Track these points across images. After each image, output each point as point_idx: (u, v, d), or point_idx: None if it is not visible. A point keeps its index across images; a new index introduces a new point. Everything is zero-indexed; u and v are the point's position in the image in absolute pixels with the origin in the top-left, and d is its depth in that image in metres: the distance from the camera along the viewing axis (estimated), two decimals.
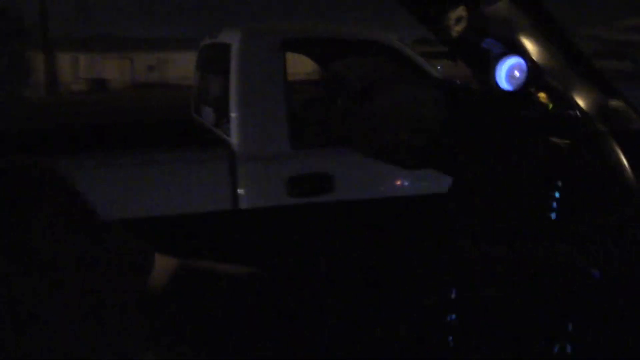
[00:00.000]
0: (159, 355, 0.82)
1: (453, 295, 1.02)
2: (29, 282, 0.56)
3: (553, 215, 0.96)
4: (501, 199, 1.03)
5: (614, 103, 0.95)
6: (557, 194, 0.97)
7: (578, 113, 0.95)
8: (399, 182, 2.87)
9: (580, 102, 0.96)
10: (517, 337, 0.96)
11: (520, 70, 0.98)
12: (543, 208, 0.97)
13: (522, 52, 0.97)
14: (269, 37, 2.83)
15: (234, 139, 2.67)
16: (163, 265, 0.98)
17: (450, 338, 0.99)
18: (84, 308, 0.59)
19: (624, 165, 0.93)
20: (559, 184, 0.97)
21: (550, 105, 0.98)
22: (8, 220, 0.58)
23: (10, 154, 0.63)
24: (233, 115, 2.70)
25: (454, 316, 1.01)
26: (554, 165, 0.98)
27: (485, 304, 1.02)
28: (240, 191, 2.61)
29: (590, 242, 0.90)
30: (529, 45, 0.97)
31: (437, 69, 3.66)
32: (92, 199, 0.75)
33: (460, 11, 0.98)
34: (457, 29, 0.99)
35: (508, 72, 0.98)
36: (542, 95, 0.98)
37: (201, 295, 0.98)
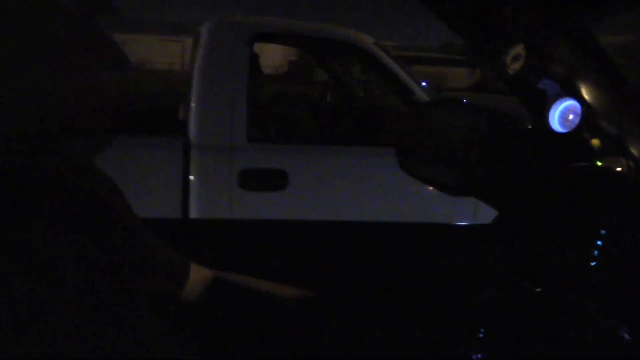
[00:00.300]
0: None
1: (481, 335, 1.00)
2: (29, 282, 0.56)
3: (593, 264, 0.95)
4: (541, 239, 1.02)
5: None
6: (599, 242, 0.96)
7: (631, 162, 0.94)
8: (354, 186, 2.90)
9: (635, 152, 0.95)
10: None
11: (574, 114, 0.97)
12: (584, 255, 0.96)
13: (579, 96, 0.96)
14: (236, 30, 2.87)
15: (191, 127, 2.71)
16: (198, 276, 0.96)
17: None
18: (85, 309, 0.59)
19: None
20: (603, 232, 0.95)
21: (602, 153, 0.97)
22: (8, 220, 0.58)
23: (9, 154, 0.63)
24: (192, 104, 2.75)
25: (480, 355, 0.99)
26: (600, 213, 0.96)
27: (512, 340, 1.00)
28: (192, 180, 2.64)
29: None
30: (586, 89, 0.96)
31: (422, 85, 3.71)
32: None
33: (519, 49, 0.97)
34: (514, 67, 0.98)
35: (562, 114, 0.97)
36: (595, 142, 0.96)
37: (235, 313, 0.96)
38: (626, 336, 0.89)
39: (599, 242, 0.95)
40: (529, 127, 1.03)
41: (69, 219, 0.62)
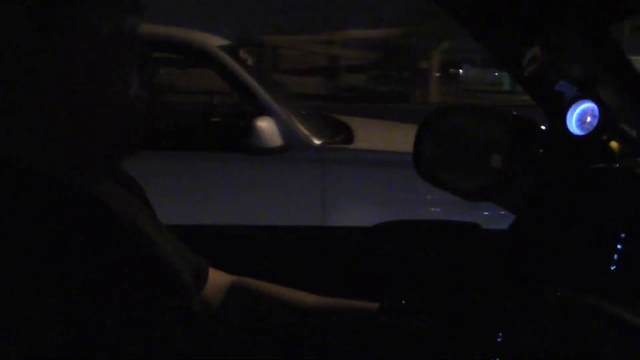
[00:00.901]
0: None
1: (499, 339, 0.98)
2: (28, 282, 0.55)
3: (612, 267, 0.94)
4: (560, 243, 1.01)
5: None
6: (619, 246, 0.94)
7: None
8: (182, 193, 2.94)
9: None
10: None
11: (592, 116, 0.96)
12: (604, 259, 0.95)
13: (596, 98, 0.95)
14: None
15: None
16: (217, 281, 0.94)
17: None
18: (84, 309, 0.57)
19: None
20: (623, 235, 0.94)
21: (621, 155, 0.95)
22: (8, 220, 0.57)
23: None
24: None
25: None
26: (620, 217, 0.95)
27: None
28: None
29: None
30: (604, 91, 0.95)
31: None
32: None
33: (535, 51, 0.96)
34: (530, 69, 0.97)
35: (580, 116, 0.96)
36: (613, 144, 0.95)
37: (254, 320, 0.94)
38: None
39: (619, 246, 0.94)
40: (547, 130, 1.02)
41: (70, 223, 0.61)
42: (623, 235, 0.94)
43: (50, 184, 0.62)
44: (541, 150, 1.01)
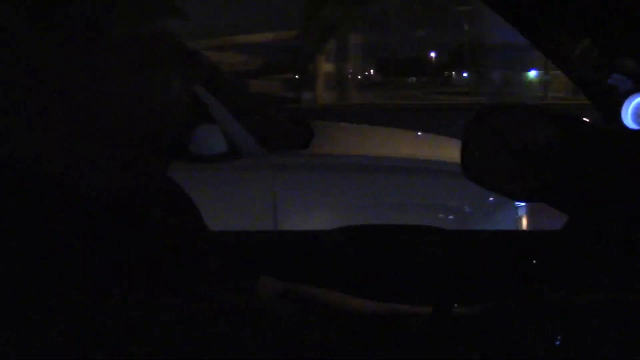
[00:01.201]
0: None
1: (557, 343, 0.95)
2: (28, 282, 0.54)
3: None
4: (616, 242, 0.98)
5: None
6: None
7: None
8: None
9: None
10: None
11: None
12: None
13: None
14: None
15: None
16: (269, 288, 0.94)
17: None
18: (87, 309, 0.56)
19: None
20: None
21: None
22: (8, 220, 0.56)
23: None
24: None
25: None
26: None
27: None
28: None
29: None
30: None
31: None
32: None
33: (586, 43, 0.94)
34: (582, 63, 0.95)
35: (635, 110, 0.93)
36: None
37: (307, 326, 0.92)
38: None
39: None
40: (601, 125, 0.99)
41: (70, 224, 0.60)
42: None
43: (50, 184, 0.61)
44: (593, 146, 0.98)
